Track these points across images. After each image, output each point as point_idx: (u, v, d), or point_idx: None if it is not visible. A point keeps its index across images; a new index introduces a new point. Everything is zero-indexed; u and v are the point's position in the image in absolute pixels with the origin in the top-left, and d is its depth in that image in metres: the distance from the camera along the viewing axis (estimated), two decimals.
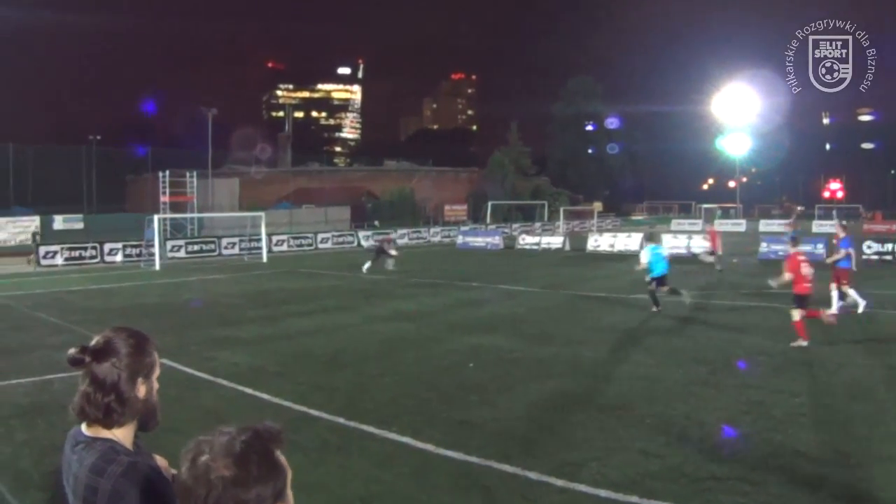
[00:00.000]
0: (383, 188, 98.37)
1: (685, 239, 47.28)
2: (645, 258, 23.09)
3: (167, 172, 56.66)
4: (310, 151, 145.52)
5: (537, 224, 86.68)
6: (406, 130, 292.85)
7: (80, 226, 58.03)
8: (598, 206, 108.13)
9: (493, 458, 9.40)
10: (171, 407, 11.35)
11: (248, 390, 13.13)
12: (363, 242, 61.56)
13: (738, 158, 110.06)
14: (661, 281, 22.52)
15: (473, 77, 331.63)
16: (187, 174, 58.74)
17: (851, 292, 21.19)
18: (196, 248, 50.90)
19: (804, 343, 16.60)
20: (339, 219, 77.73)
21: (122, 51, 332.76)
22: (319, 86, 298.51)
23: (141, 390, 2.96)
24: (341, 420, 11.18)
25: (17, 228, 53.34)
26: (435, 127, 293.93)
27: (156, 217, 44.28)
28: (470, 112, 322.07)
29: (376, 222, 79.99)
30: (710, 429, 10.65)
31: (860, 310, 20.75)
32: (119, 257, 45.91)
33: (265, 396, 12.69)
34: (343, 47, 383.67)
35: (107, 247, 45.94)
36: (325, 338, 18.64)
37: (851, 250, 21.78)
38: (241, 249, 52.01)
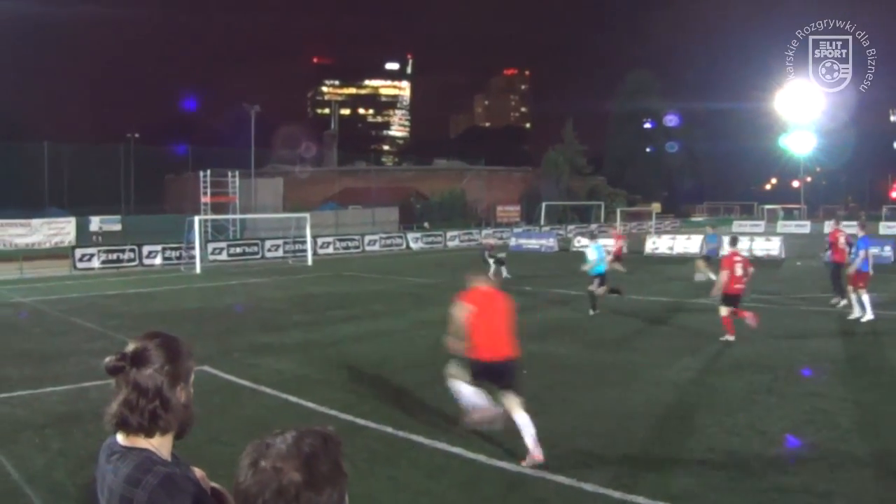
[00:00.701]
0: (433, 188, 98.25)
1: (747, 241, 46.97)
2: (593, 255, 24.24)
3: (208, 172, 56.85)
4: (356, 150, 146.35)
5: (593, 225, 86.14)
6: (456, 128, 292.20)
7: (118, 227, 58.47)
8: (656, 206, 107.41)
9: (547, 469, 9.43)
10: (213, 416, 11.58)
11: (293, 398, 13.26)
12: (412, 245, 61.69)
13: (802, 157, 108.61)
14: (601, 280, 24.02)
15: (527, 72, 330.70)
16: (229, 174, 58.95)
17: (865, 298, 21.03)
18: (238, 250, 51.15)
19: (731, 338, 18.03)
20: (386, 220, 77.84)
21: (161, 46, 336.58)
22: (367, 82, 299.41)
23: (182, 395, 3.00)
24: (389, 429, 11.26)
25: (52, 230, 53.31)
26: (487, 124, 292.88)
27: (196, 218, 44.69)
28: (523, 109, 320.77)
29: (426, 224, 79.94)
30: (773, 438, 10.61)
31: (864, 318, 20.65)
32: (158, 260, 46.11)
33: (310, 405, 12.81)
34: (391, 42, 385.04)
35: (145, 249, 46.06)
36: (372, 344, 18.79)
37: (868, 251, 21.66)
38: (285, 252, 52.09)
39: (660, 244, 51.26)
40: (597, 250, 24.43)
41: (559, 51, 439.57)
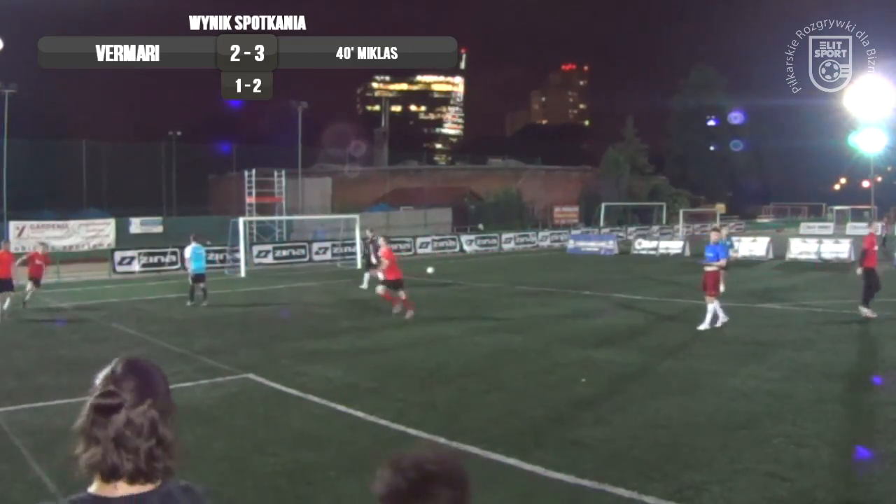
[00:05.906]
0: (487, 188, 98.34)
1: (815, 244, 46.42)
2: (188, 254, 29.52)
3: (253, 171, 57.34)
4: (408, 149, 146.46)
5: (655, 227, 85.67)
6: (513, 126, 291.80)
7: (159, 229, 59.17)
8: (720, 207, 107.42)
9: (608, 481, 9.35)
10: (258, 426, 11.62)
11: (342, 408, 13.22)
12: (466, 247, 61.60)
13: (872, 156, 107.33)
14: (199, 278, 28.81)
15: (585, 68, 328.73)
16: (275, 173, 59.42)
17: (710, 306, 21.55)
18: (285, 253, 51.38)
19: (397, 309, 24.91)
20: (439, 221, 78.11)
21: None
22: (419, 77, 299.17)
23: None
24: (442, 440, 11.12)
25: (90, 232, 53.57)
26: (544, 122, 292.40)
27: (241, 220, 44.94)
28: (582, 106, 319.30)
29: (480, 225, 79.94)
30: (844, 450, 10.50)
31: (716, 324, 21.27)
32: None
33: (360, 414, 12.76)
34: (444, 35, 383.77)
35: (188, 252, 46.21)
36: (424, 351, 18.76)
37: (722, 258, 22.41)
38: (333, 255, 52.23)
39: None
40: (193, 250, 29.10)
41: (619, 45, 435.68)
